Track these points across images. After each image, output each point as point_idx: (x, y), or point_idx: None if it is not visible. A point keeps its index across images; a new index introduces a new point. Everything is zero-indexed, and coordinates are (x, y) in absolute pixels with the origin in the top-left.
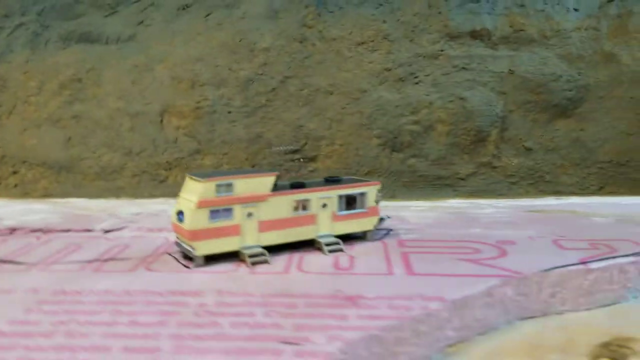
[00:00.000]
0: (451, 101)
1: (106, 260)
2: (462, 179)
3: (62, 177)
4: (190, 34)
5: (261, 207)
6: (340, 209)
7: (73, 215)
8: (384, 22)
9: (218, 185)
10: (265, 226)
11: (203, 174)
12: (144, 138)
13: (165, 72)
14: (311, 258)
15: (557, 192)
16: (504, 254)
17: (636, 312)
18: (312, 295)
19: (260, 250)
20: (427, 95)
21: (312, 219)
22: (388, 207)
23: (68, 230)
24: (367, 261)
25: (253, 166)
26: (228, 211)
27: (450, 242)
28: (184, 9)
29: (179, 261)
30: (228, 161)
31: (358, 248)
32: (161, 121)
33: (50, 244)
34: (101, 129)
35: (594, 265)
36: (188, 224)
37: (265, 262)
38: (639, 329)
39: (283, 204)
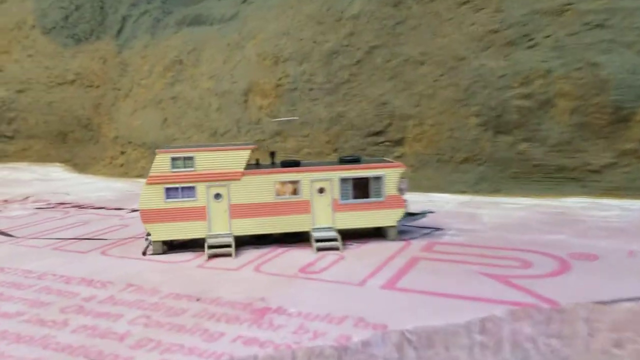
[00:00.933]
0: (579, 69)
1: (82, 240)
2: (596, 172)
3: None
4: (283, 8)
5: (233, 187)
6: (345, 197)
7: (129, 194)
8: None
9: (174, 159)
10: (238, 211)
11: (169, 147)
12: (229, 118)
13: (253, 49)
14: (290, 256)
15: None
16: (563, 271)
17: None
18: (220, 302)
19: (227, 240)
20: (545, 61)
21: (304, 207)
22: (472, 202)
23: (101, 208)
24: (351, 266)
25: (335, 150)
26: (189, 190)
27: (500, 249)
28: None
29: (147, 247)
30: (309, 144)
31: (364, 248)
32: (245, 101)
33: (66, 220)
34: (192, 109)
35: None
36: (140, 202)
37: (228, 254)
38: None
39: (262, 186)
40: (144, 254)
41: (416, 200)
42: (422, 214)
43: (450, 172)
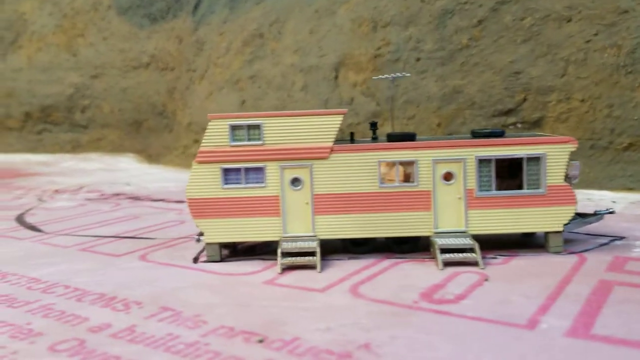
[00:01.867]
0: None
1: (122, 238)
2: None
3: None
4: None
5: (317, 170)
6: (485, 187)
7: None
8: None
9: (234, 127)
10: (325, 205)
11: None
12: (316, 99)
13: (345, 15)
14: (403, 272)
15: None
16: None
17: None
18: (298, 348)
19: (310, 246)
20: None
21: (422, 201)
22: None
23: (161, 200)
24: (504, 293)
25: (449, 134)
26: (255, 172)
27: None
28: None
29: (200, 252)
30: (415, 127)
31: (515, 264)
32: (336, 77)
33: (114, 213)
34: (273, 89)
35: None
36: (187, 189)
37: (311, 266)
38: None
39: (359, 168)
40: (195, 261)
41: None
42: (598, 215)
43: (609, 162)
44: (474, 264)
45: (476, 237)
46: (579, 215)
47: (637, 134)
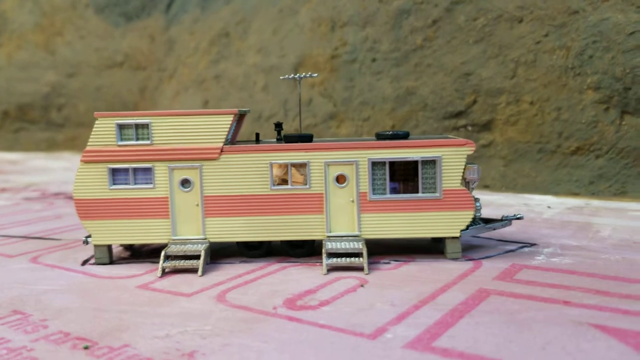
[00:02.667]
0: None
1: (29, 239)
2: None
3: None
4: None
5: (207, 171)
6: (379, 190)
7: None
8: None
9: (121, 126)
10: (216, 207)
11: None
12: (276, 99)
13: (306, 14)
14: (286, 277)
15: None
16: None
17: None
18: (121, 358)
19: (195, 249)
20: None
21: (315, 204)
22: (586, 208)
23: None
24: (370, 300)
25: None
26: (143, 173)
27: (628, 283)
28: None
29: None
30: (369, 129)
31: (404, 270)
32: None
33: (42, 212)
34: (236, 89)
35: None
36: (74, 189)
37: (193, 270)
38: None
39: (250, 170)
40: (84, 263)
41: (507, 204)
42: (503, 221)
43: (556, 166)
44: (359, 269)
45: (379, 242)
46: (485, 220)
47: (584, 137)
